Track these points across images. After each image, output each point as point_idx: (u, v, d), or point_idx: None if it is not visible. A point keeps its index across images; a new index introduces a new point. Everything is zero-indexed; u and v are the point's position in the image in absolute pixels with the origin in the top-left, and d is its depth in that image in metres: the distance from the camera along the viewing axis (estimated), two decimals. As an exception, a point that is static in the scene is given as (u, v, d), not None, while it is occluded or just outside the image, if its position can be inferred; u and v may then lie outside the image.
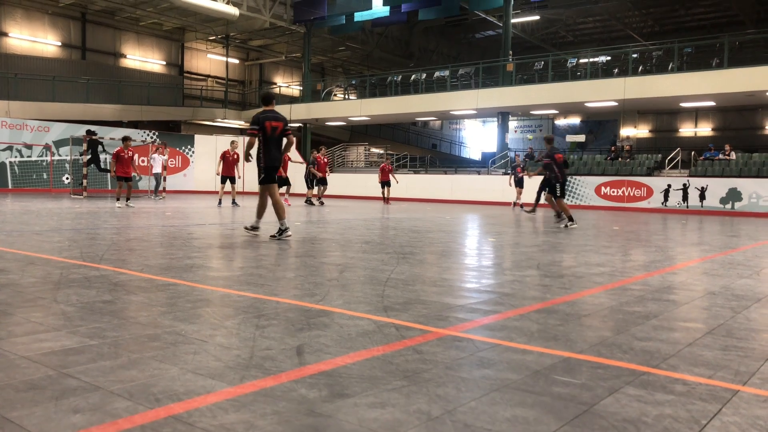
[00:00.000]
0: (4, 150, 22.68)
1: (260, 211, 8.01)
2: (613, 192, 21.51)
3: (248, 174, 16.67)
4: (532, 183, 17.73)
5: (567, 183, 10.77)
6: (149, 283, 4.34)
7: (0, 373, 2.29)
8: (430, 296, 4.12)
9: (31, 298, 3.69)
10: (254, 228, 8.04)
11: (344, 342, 2.88)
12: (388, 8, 28.09)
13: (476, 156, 47.35)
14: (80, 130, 22.96)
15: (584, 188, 22.03)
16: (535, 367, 2.57)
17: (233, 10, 27.79)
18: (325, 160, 19.50)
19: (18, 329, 2.95)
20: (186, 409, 2.00)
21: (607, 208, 21.31)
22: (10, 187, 22.73)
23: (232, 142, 16.29)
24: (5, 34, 28.61)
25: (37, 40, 29.69)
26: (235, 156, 15.88)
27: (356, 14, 29.20)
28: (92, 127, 23.26)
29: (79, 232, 7.86)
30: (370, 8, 27.85)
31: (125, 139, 15.18)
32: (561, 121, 41.99)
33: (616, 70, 23.71)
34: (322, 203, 18.54)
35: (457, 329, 3.21)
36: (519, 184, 19.63)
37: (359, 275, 4.93)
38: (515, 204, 19.92)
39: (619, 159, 23.72)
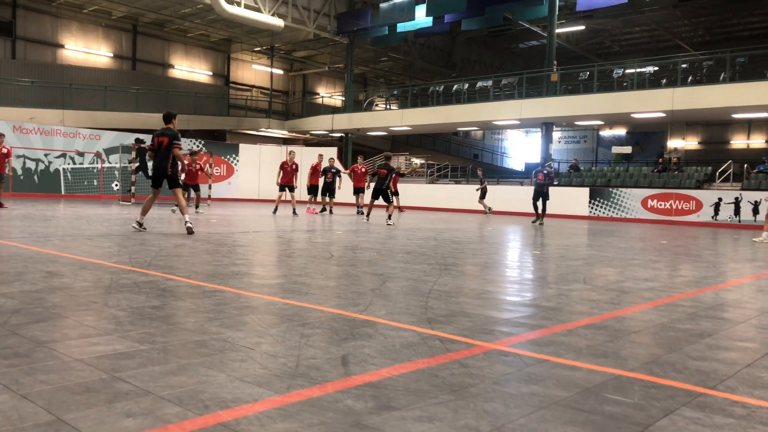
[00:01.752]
0: (58, 157, 23.49)
1: (145, 209, 9.26)
2: (661, 205, 20.99)
3: (267, 181, 17.02)
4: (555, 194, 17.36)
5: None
6: (196, 289, 4.41)
7: (56, 375, 2.35)
8: (474, 309, 4.07)
9: (84, 302, 3.79)
10: (140, 224, 9.21)
11: (389, 353, 2.86)
12: (431, 19, 28.15)
13: (519, 166, 46.89)
14: (129, 139, 23.62)
15: (630, 201, 21.56)
16: (584, 384, 2.51)
17: (278, 22, 28.26)
18: (363, 170, 19.31)
19: (72, 332, 3.03)
20: (234, 416, 2.01)
21: (654, 221, 20.80)
22: (62, 192, 23.51)
23: (291, 152, 16.62)
24: (62, 46, 29.72)
25: (90, 51, 30.74)
26: (294, 166, 16.18)
27: (399, 25, 29.35)
28: (141, 136, 23.90)
29: (128, 238, 8.06)
30: (413, 19, 27.96)
31: (192, 153, 15.79)
32: (606, 132, 41.26)
33: (664, 81, 23.19)
34: (360, 211, 18.48)
35: (503, 343, 3.16)
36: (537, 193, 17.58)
37: (401, 286, 4.92)
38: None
39: (667, 171, 23.15)
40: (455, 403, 2.23)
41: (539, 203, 16.60)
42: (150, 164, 23.12)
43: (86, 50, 30.58)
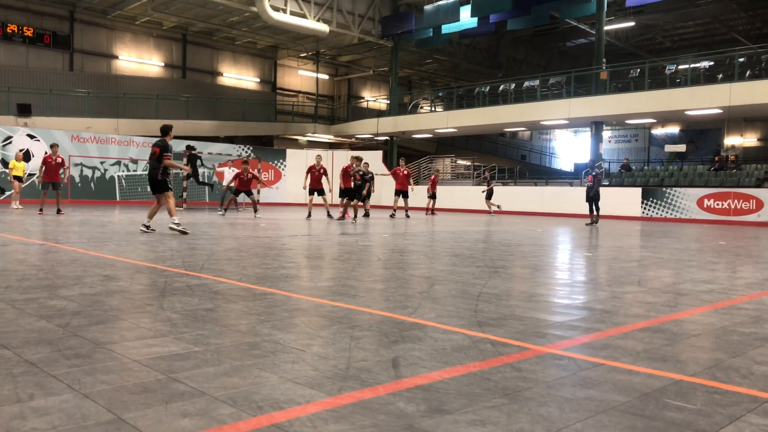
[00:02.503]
0: (113, 165, 24.28)
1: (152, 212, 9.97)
2: (718, 205, 20.27)
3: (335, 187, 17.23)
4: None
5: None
6: (247, 292, 4.48)
7: (115, 376, 2.41)
8: (526, 312, 4.00)
9: (140, 305, 3.89)
10: (147, 227, 9.71)
11: (439, 356, 2.84)
12: (476, 19, 27.95)
13: (568, 167, 46.07)
14: (180, 146, 24.22)
15: (685, 200, 20.90)
16: (643, 389, 2.42)
17: (323, 27, 28.55)
18: (405, 172, 19.13)
19: (129, 334, 3.11)
20: (287, 418, 2.03)
21: (711, 221, 20.10)
22: (117, 199, 24.29)
23: (317, 156, 16.71)
24: (116, 57, 30.75)
25: (143, 61, 31.71)
26: (321, 169, 16.25)
27: (444, 26, 29.24)
28: (191, 142, 24.49)
29: (181, 242, 8.25)
30: (458, 20, 27.80)
31: (245, 162, 16.14)
32: (658, 131, 40.14)
33: (720, 76, 22.40)
34: (407, 216, 18.39)
35: (557, 347, 3.09)
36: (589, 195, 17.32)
37: (450, 288, 4.88)
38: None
39: (724, 170, 22.34)
40: (509, 407, 2.19)
41: (592, 205, 16.77)
42: (201, 170, 23.62)
43: (139, 60, 31.55)
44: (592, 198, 16.76)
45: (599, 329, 3.53)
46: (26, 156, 22.07)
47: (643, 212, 21.73)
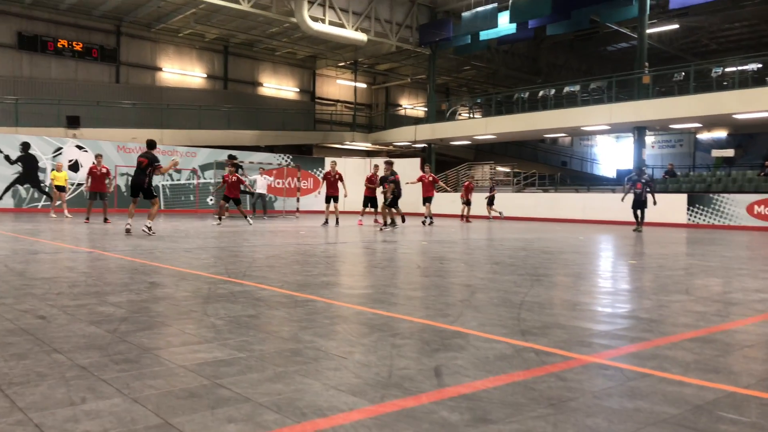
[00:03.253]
0: (157, 174, 24.85)
1: (130, 213, 11.77)
2: (768, 211, 19.60)
3: (352, 194, 17.35)
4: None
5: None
6: (288, 298, 4.52)
7: (162, 381, 2.46)
8: (570, 321, 3.93)
9: (185, 311, 3.96)
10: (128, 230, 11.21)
11: (482, 365, 2.81)
12: (514, 25, 27.73)
13: (610, 173, 45.24)
14: (222, 155, 24.67)
15: (733, 207, 20.27)
16: (695, 401, 2.35)
17: (362, 36, 28.75)
18: (431, 178, 18.46)
19: (175, 340, 3.17)
20: (331, 425, 2.03)
21: (762, 228, 19.44)
22: (162, 208, 24.84)
23: (332, 162, 16.87)
24: (160, 69, 31.56)
25: (186, 72, 32.45)
26: (337, 175, 16.63)
27: (482, 33, 29.10)
28: (233, 152, 24.90)
29: (223, 250, 8.39)
30: (496, 26, 27.63)
31: (230, 167, 16.46)
32: (704, 135, 39.09)
33: (769, 78, 21.70)
34: (431, 222, 17.95)
35: (603, 356, 3.03)
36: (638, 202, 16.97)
37: (491, 297, 4.83)
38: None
39: (775, 175, 21.60)
40: (554, 417, 2.15)
41: (638, 211, 16.74)
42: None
43: (182, 72, 32.30)
44: (640, 205, 16.71)
45: (646, 339, 3.44)
46: (74, 166, 22.80)
47: (689, 219, 21.16)
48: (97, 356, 2.79)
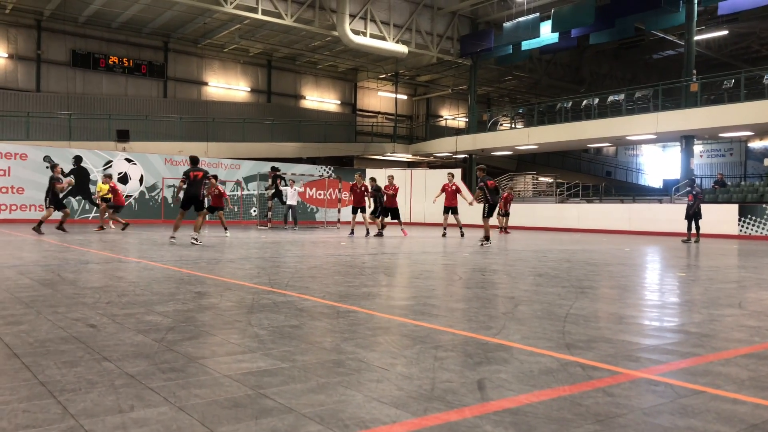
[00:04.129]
0: (202, 186, 25.39)
1: (176, 225, 12.20)
2: (826, 222, 18.79)
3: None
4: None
5: (495, 206, 13.63)
6: (331, 309, 4.54)
7: (207, 390, 2.49)
8: (616, 334, 3.84)
9: (229, 321, 4.02)
10: (173, 238, 11.88)
11: (526, 379, 2.76)
12: (557, 35, 27.47)
13: (656, 183, 44.19)
14: (265, 167, 25.04)
15: (788, 217, 19.52)
16: (751, 420, 2.26)
17: (402, 48, 28.89)
18: (454, 188, 17.31)
19: (220, 349, 3.22)
20: (374, 437, 2.02)
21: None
22: (207, 219, 25.33)
23: (358, 174, 17.00)
24: (205, 84, 32.33)
25: (230, 87, 33.16)
26: (363, 187, 16.81)
27: (524, 43, 28.90)
28: (276, 164, 25.26)
29: (266, 261, 8.49)
30: (538, 36, 27.40)
31: (213, 176, 16.66)
32: (756, 144, 37.86)
33: (826, 84, 20.91)
34: (461, 234, 17.59)
35: (652, 372, 2.94)
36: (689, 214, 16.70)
37: (535, 309, 4.75)
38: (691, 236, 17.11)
39: (832, 184, 20.74)
40: (602, 434, 2.09)
41: (692, 222, 16.63)
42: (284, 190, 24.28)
43: (227, 86, 33.02)
44: (693, 216, 16.53)
45: (697, 354, 3.33)
46: (123, 179, 23.48)
47: (741, 230, 20.47)
48: (144, 365, 2.86)
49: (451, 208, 17.56)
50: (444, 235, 17.25)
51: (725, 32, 30.95)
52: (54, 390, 2.44)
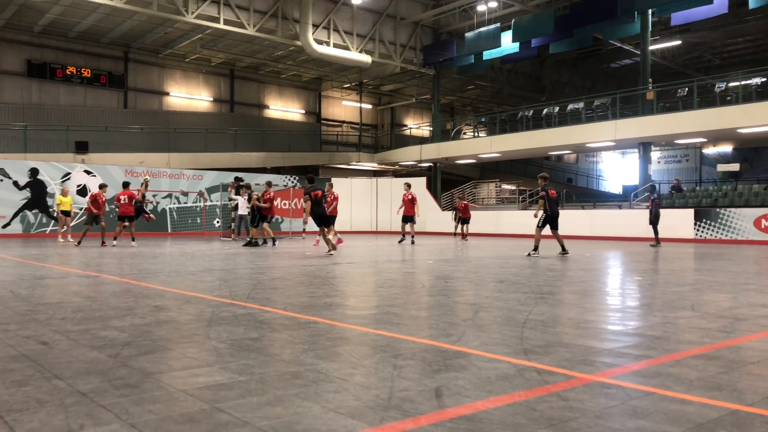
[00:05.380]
0: (164, 197, 25.01)
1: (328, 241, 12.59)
2: (776, 225, 19.46)
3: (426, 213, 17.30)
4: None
5: (554, 218, 13.05)
6: (292, 321, 4.52)
7: (162, 405, 2.46)
8: (573, 339, 3.91)
9: (188, 335, 3.97)
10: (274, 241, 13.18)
11: (483, 385, 2.79)
12: (517, 44, 27.93)
13: (616, 189, 45.15)
14: (229, 177, 24.79)
15: (740, 221, 20.15)
16: (697, 419, 2.33)
17: (366, 58, 29.01)
18: (410, 197, 18.03)
19: (176, 364, 3.17)
20: (328, 448, 2.02)
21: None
22: (169, 231, 24.92)
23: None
24: (167, 94, 31.90)
25: (192, 97, 32.78)
26: (411, 197, 17.41)
27: (485, 53, 29.31)
28: (239, 174, 25.04)
29: (228, 272, 8.40)
30: (500, 46, 27.82)
31: (269, 184, 16.39)
32: (710, 150, 39.02)
33: (774, 92, 21.71)
34: (413, 242, 17.98)
35: (605, 375, 3.00)
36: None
37: (495, 315, 4.81)
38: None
39: (782, 188, 21.49)
40: (554, 438, 2.13)
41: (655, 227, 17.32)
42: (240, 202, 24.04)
43: (189, 96, 32.64)
44: (653, 221, 17.14)
45: (650, 356, 3.42)
46: (82, 191, 22.97)
47: (696, 234, 21.04)
48: (97, 382, 2.80)
49: (408, 217, 17.86)
50: (400, 242, 17.54)
51: (678, 42, 31.93)
52: (1, 410, 2.38)
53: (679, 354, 3.48)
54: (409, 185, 18.67)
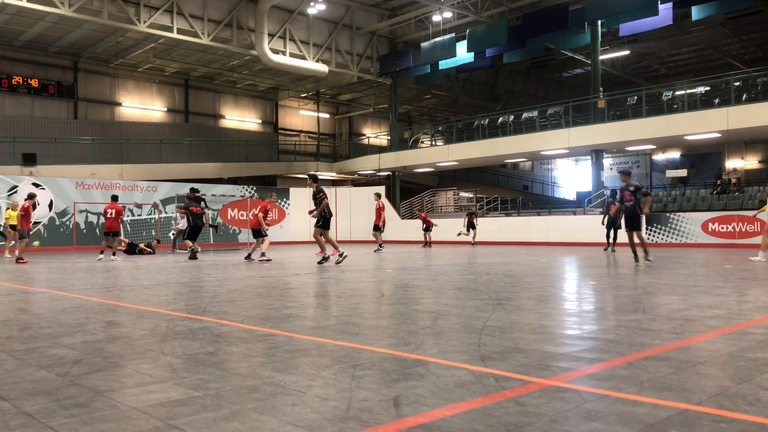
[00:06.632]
0: (118, 210, 24.41)
1: (333, 245, 12.36)
2: (722, 228, 20.20)
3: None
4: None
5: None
6: (249, 333, 4.46)
7: (113, 424, 2.39)
8: (530, 344, 3.97)
9: (141, 350, 3.87)
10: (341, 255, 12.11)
11: (441, 393, 2.80)
12: (472, 54, 28.36)
13: (570, 196, 46.11)
14: (184, 189, 24.38)
15: (689, 225, 20.84)
16: (648, 420, 2.39)
17: (323, 68, 29.00)
18: (380, 205, 19.17)
19: (129, 381, 3.09)
20: (286, 462, 1.99)
21: (717, 245, 20.00)
22: (122, 244, 24.32)
23: (271, 194, 15.68)
24: (119, 104, 31.23)
25: (146, 107, 32.18)
26: (381, 205, 18.41)
27: (441, 63, 29.67)
28: (195, 185, 24.64)
29: (184, 285, 8.24)
30: (455, 56, 28.21)
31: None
32: (659, 156, 40.28)
33: (717, 100, 22.59)
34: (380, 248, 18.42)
35: (561, 379, 3.05)
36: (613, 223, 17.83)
37: (454, 323, 4.84)
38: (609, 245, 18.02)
39: (727, 193, 22.32)
40: (511, 443, 2.15)
41: (611, 231, 17.58)
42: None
43: (142, 106, 32.03)
44: (613, 225, 17.41)
45: (604, 359, 3.49)
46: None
47: (648, 238, 21.65)
48: (45, 402, 2.70)
49: (377, 226, 18.27)
50: (376, 251, 17.85)
51: (627, 52, 32.93)
52: (-59, 435, 2.27)
53: (632, 356, 3.56)
54: (379, 195, 19.20)
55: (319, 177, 14.36)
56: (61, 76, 29.30)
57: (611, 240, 17.72)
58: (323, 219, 12.16)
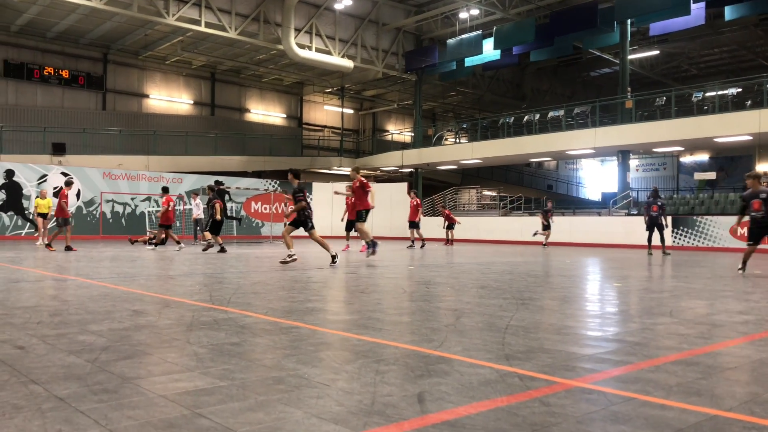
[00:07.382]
0: (143, 200, 24.75)
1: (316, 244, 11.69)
2: (751, 232, 19.78)
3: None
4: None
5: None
6: (273, 326, 4.49)
7: (141, 411, 2.42)
8: (554, 345, 3.93)
9: (167, 339, 3.92)
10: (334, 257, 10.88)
11: (466, 391, 2.79)
12: (499, 52, 28.17)
13: (595, 196, 45.63)
14: (209, 181, 24.60)
15: (717, 229, 20.49)
16: (677, 425, 2.35)
17: (348, 63, 29.04)
18: (415, 203, 19.06)
19: (156, 369, 3.13)
20: (311, 454, 2.00)
21: (745, 250, 19.57)
22: (147, 234, 24.65)
23: (414, 192, 17.68)
24: (146, 96, 31.62)
25: (173, 99, 32.54)
26: (416, 202, 18.34)
27: (467, 59, 29.51)
28: (220, 178, 24.86)
29: (209, 276, 8.33)
30: (481, 53, 28.04)
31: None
32: (687, 159, 39.63)
33: (749, 103, 22.16)
34: (422, 245, 18.43)
35: (586, 380, 3.02)
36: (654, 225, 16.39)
37: (477, 321, 4.82)
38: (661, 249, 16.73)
39: (756, 197, 21.88)
40: (537, 443, 2.14)
41: (655, 234, 16.26)
42: (229, 205, 23.87)
43: (169, 99, 32.39)
44: (656, 226, 16.18)
45: (630, 362, 3.45)
46: (58, 194, 22.64)
47: (674, 241, 21.34)
48: (75, 387, 2.75)
49: (414, 223, 18.77)
50: (410, 247, 17.97)
51: (656, 52, 32.44)
52: (-25, 416, 2.32)
53: (659, 360, 3.51)
54: (415, 191, 19.59)
55: (335, 172, 14.23)
56: (91, 68, 29.75)
57: (662, 242, 16.31)
58: (298, 221, 11.47)
